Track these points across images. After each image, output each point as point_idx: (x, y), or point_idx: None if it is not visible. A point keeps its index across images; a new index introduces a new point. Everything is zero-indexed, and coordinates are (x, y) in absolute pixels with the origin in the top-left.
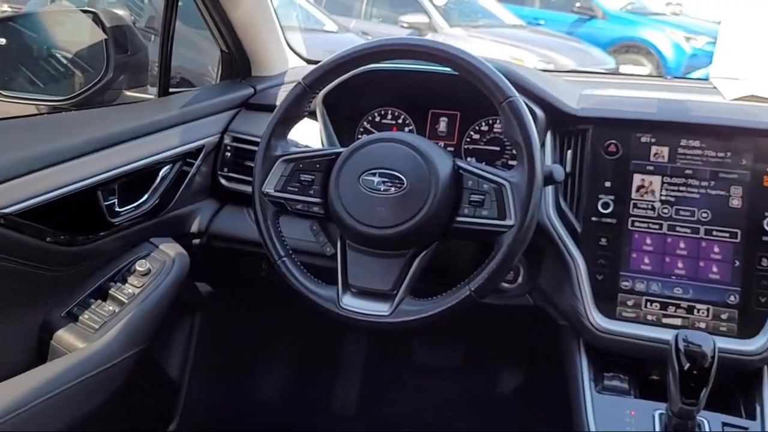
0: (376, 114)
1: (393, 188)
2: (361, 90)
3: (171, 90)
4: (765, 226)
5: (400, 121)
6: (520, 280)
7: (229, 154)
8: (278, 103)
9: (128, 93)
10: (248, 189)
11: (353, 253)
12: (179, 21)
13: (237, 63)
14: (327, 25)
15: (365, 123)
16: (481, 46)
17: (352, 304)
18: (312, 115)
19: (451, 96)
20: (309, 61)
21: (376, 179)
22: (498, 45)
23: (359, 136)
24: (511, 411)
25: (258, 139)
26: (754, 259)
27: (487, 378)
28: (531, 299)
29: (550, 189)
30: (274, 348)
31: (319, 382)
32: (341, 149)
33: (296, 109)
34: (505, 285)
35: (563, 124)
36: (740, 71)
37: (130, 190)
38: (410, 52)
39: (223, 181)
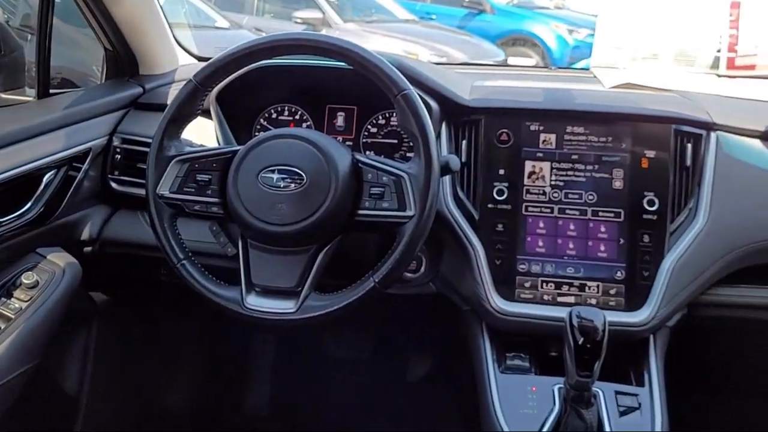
0: (272, 111)
1: (293, 184)
2: (256, 86)
3: (52, 91)
4: (645, 205)
5: (297, 117)
6: (422, 269)
7: (119, 156)
8: (169, 101)
9: (3, 95)
10: (142, 192)
11: (255, 252)
12: (58, 18)
13: (123, 61)
14: (218, 22)
15: (262, 120)
16: (375, 41)
17: (256, 303)
18: (206, 113)
19: (348, 91)
20: (200, 59)
21: (275, 176)
22: (392, 40)
23: (256, 134)
24: (421, 397)
25: (149, 140)
26: (636, 237)
27: (398, 367)
28: (434, 287)
29: (447, 179)
30: (180, 353)
31: (230, 384)
32: (238, 147)
33: (188, 108)
34: (409, 275)
35: (457, 115)
36: (617, 61)
37: (11, 198)
38: (303, 47)
39: (114, 185)
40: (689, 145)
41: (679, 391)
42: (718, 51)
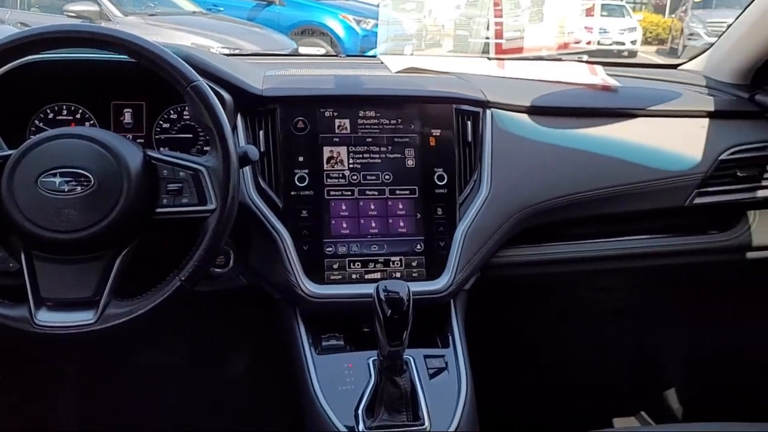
0: (48, 111)
1: (79, 187)
2: (26, 85)
3: None
4: (436, 181)
5: (78, 116)
6: (231, 263)
7: None
8: None
9: None
10: None
11: (42, 263)
12: None
13: None
14: None
15: (36, 122)
16: (161, 35)
17: (49, 319)
18: None
19: (134, 85)
20: None
21: (58, 180)
22: (179, 33)
23: (31, 137)
24: (244, 393)
25: None
26: (431, 210)
27: (216, 367)
28: (245, 280)
29: (248, 169)
30: None
31: (31, 411)
32: (10, 152)
33: None
34: (217, 270)
35: (251, 106)
36: (403, 48)
37: None
38: (75, 39)
39: None
40: (469, 123)
41: (483, 347)
42: (487, 38)
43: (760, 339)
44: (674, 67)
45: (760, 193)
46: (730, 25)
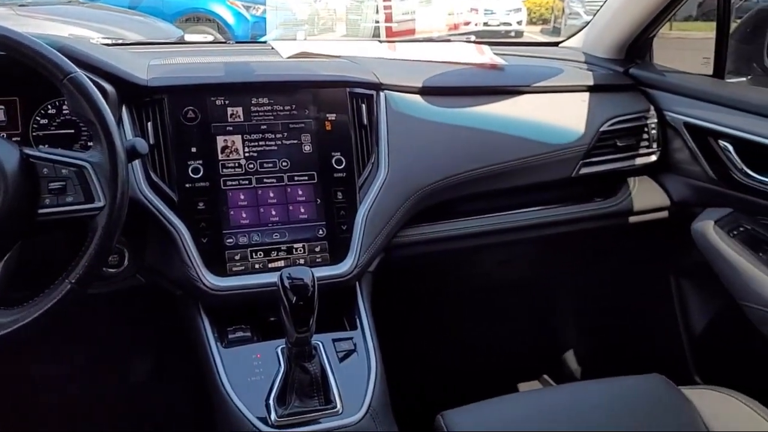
0: None
1: None
2: None
3: None
4: (334, 165)
5: None
6: (126, 262)
7: None
8: None
9: None
10: None
11: None
12: None
13: None
14: None
15: None
16: (34, 26)
17: None
18: None
19: (5, 80)
20: None
21: None
22: (54, 23)
23: None
24: (148, 396)
25: None
26: (331, 195)
27: (118, 372)
28: (142, 278)
29: (138, 164)
30: None
31: None
32: None
33: None
34: (112, 270)
35: (136, 97)
36: (295, 34)
37: None
38: None
39: None
40: (363, 105)
41: (391, 327)
42: (377, 21)
43: (644, 296)
44: (555, 44)
45: (639, 161)
46: (604, 3)
